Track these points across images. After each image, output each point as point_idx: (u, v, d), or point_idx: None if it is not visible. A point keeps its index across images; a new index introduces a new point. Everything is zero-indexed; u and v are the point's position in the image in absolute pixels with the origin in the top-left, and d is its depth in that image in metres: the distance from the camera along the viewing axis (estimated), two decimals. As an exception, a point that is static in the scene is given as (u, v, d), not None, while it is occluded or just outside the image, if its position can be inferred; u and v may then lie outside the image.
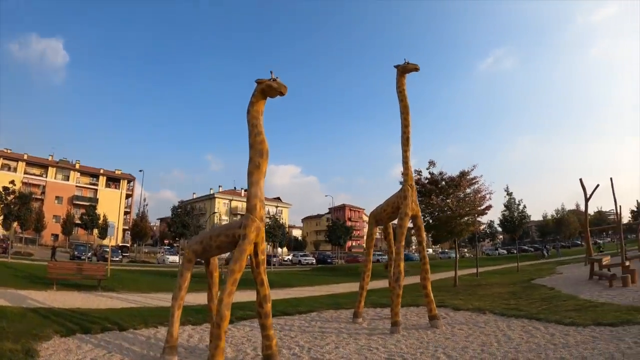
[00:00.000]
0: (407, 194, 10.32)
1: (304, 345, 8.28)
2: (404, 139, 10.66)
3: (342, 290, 20.23)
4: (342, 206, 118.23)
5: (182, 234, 34.91)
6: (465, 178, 20.45)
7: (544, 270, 28.85)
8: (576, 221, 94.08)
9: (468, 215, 20.53)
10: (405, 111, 10.76)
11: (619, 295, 13.49)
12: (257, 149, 6.84)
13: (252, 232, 6.59)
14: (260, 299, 6.97)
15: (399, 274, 9.83)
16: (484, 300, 14.27)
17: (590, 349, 7.24)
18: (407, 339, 8.78)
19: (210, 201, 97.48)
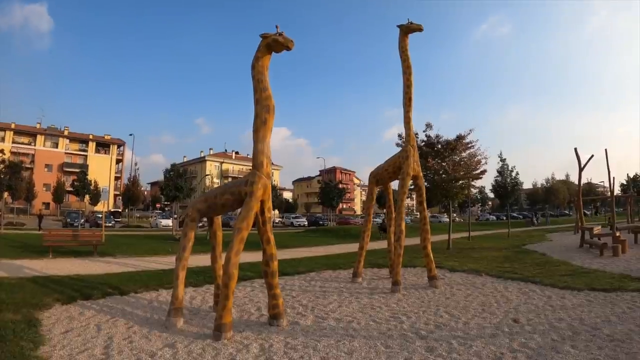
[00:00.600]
0: (409, 154, 10.33)
1: (307, 304, 8.42)
2: (406, 99, 10.60)
3: (337, 251, 20.36)
4: (333, 169, 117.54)
5: (175, 197, 34.60)
6: (462, 142, 20.42)
7: (535, 237, 29.36)
8: (565, 191, 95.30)
9: (463, 179, 20.60)
10: (407, 71, 10.65)
11: (610, 264, 13.87)
12: (263, 105, 6.67)
13: (259, 189, 6.48)
14: (267, 257, 6.93)
15: (400, 233, 9.94)
16: (479, 263, 14.57)
17: (587, 312, 7.52)
18: (408, 298, 9.00)
19: (201, 164, 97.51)
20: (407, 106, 10.60)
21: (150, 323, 6.93)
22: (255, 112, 6.71)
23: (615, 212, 51.10)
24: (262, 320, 7.18)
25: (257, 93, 6.72)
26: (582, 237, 20.96)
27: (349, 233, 35.26)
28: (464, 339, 5.95)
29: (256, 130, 6.67)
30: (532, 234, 32.65)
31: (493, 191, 33.81)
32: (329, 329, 6.59)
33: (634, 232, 21.38)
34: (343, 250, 21.18)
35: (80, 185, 57.18)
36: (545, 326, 6.64)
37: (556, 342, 5.77)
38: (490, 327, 6.62)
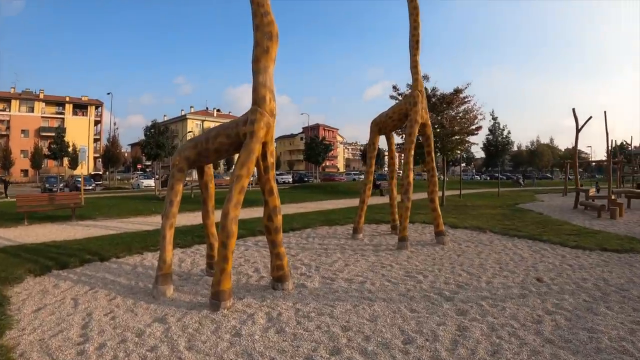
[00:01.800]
0: (417, 100, 9.65)
1: (310, 263, 7.81)
2: (413, 41, 9.89)
3: (329, 207, 19.88)
4: (316, 125, 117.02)
5: (157, 155, 33.32)
6: (458, 96, 19.86)
7: (525, 197, 29.26)
8: (550, 154, 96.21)
9: (459, 134, 20.14)
10: (414, 12, 9.89)
11: (610, 226, 13.69)
12: (265, 31, 5.74)
13: (262, 129, 5.54)
14: (270, 210, 6.05)
15: (408, 185, 9.42)
16: (478, 220, 14.25)
17: (607, 272, 7.24)
18: (417, 255, 8.53)
19: (182, 122, 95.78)
20: (415, 49, 9.89)
21: (135, 292, 6.09)
22: (255, 40, 5.77)
23: (599, 177, 51.19)
24: (262, 283, 6.49)
25: (257, 18, 5.78)
26: (576, 199, 20.86)
27: (336, 189, 34.99)
28: (493, 299, 5.50)
29: (256, 60, 5.72)
30: (521, 194, 32.57)
31: (484, 149, 33.44)
32: (341, 291, 5.98)
33: (628, 196, 21.36)
34: (335, 205, 20.77)
35: (57, 148, 55.20)
36: (571, 286, 6.31)
37: (589, 303, 5.46)
38: (515, 286, 6.20)
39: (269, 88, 5.70)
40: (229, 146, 6.08)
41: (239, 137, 5.82)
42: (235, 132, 5.87)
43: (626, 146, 46.53)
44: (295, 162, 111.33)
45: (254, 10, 5.83)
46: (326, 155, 64.69)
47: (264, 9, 5.79)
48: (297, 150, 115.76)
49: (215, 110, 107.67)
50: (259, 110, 5.59)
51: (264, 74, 5.71)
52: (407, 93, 19.42)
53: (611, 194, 18.26)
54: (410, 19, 10.00)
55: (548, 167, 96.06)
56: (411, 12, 9.99)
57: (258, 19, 5.77)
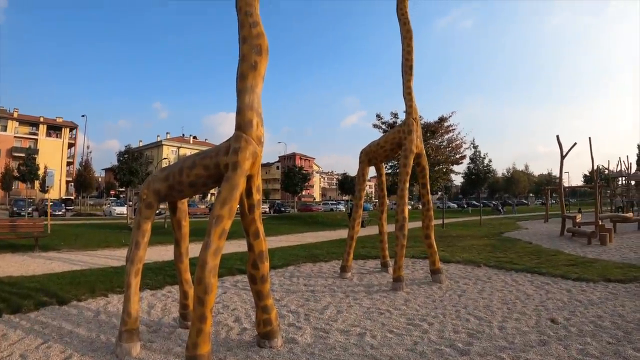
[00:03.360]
0: (412, 128, 9.19)
1: (298, 310, 7.02)
2: (407, 67, 9.51)
3: (310, 240, 19.26)
4: (293, 155, 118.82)
5: (129, 182, 32.69)
6: (443, 124, 19.83)
7: (507, 225, 29.22)
8: (525, 180, 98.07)
9: (444, 163, 20.05)
10: (408, 36, 9.59)
11: (603, 253, 13.62)
12: (253, 44, 4.94)
13: (247, 159, 4.69)
14: (255, 257, 5.22)
15: (404, 220, 8.87)
16: (469, 252, 13.83)
17: (620, 307, 6.91)
18: (416, 297, 7.91)
19: (158, 148, 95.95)
20: (408, 74, 9.50)
21: (96, 349, 5.12)
22: (242, 54, 4.97)
23: (573, 201, 51.92)
24: (246, 338, 5.58)
25: (245, 29, 5.00)
26: (563, 225, 20.86)
27: (315, 220, 34.38)
28: (513, 350, 4.94)
29: (242, 77, 4.89)
30: (503, 222, 32.55)
31: (466, 178, 33.61)
32: (339, 347, 5.17)
33: (614, 221, 21.44)
34: (316, 238, 20.17)
35: (27, 170, 53.68)
36: (589, 326, 5.86)
37: (615, 346, 5.05)
38: (531, 331, 5.67)
39: (256, 111, 4.86)
40: (207, 179, 5.15)
41: (219, 168, 4.91)
42: (215, 163, 4.95)
43: (603, 170, 47.41)
44: (271, 191, 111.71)
45: (241, 21, 5.08)
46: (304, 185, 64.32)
47: (252, 18, 5.03)
48: (273, 179, 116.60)
49: (191, 137, 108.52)
50: (244, 137, 4.73)
51: (251, 94, 4.86)
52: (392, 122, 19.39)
53: (598, 220, 18.15)
54: (404, 43, 9.65)
55: (524, 193, 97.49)
56: (404, 35, 9.66)
57: (246, 30, 5.01)
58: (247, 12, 5.00)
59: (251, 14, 5.01)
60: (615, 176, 41.77)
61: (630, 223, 23.32)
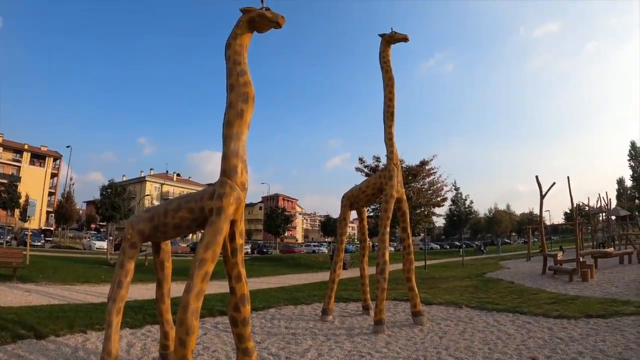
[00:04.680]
0: (393, 174, 9.55)
1: (279, 353, 7.02)
2: (388, 113, 9.95)
3: (292, 282, 19.36)
4: (276, 195, 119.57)
5: (111, 217, 32.50)
6: (424, 168, 20.36)
7: (490, 265, 29.53)
8: (507, 220, 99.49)
9: (426, 206, 20.46)
10: (390, 83, 10.08)
11: (585, 289, 13.89)
12: (240, 92, 5.28)
13: (231, 205, 4.93)
14: (237, 300, 5.31)
15: (384, 264, 9.06)
16: (451, 294, 13.97)
17: (600, 342, 7.09)
18: (397, 339, 7.97)
19: (141, 184, 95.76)
20: (390, 121, 9.93)
21: None
22: (229, 101, 5.29)
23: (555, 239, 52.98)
24: None
25: (232, 77, 5.34)
26: (544, 264, 21.16)
27: (297, 262, 34.60)
28: (494, 388, 5.02)
29: (228, 124, 5.19)
30: (486, 262, 32.93)
31: (447, 220, 34.15)
32: None
33: (594, 257, 21.85)
34: (298, 280, 20.35)
35: (8, 197, 52.64)
36: None
37: None
38: (513, 370, 5.74)
39: (241, 158, 5.15)
40: (191, 222, 5.37)
41: (203, 212, 5.13)
42: (200, 207, 5.20)
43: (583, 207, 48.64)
44: (253, 232, 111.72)
45: (229, 69, 5.42)
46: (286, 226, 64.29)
47: (240, 67, 5.38)
48: (255, 219, 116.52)
49: (175, 174, 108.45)
50: (228, 183, 4.99)
51: (237, 141, 5.15)
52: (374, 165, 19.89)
53: (579, 257, 18.49)
54: (386, 90, 10.11)
55: (507, 233, 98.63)
56: (386, 83, 10.13)
57: (233, 79, 5.35)
58: (236, 61, 5.37)
59: (239, 63, 5.37)
60: (595, 212, 42.79)
61: (611, 258, 23.69)
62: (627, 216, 44.59)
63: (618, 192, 77.48)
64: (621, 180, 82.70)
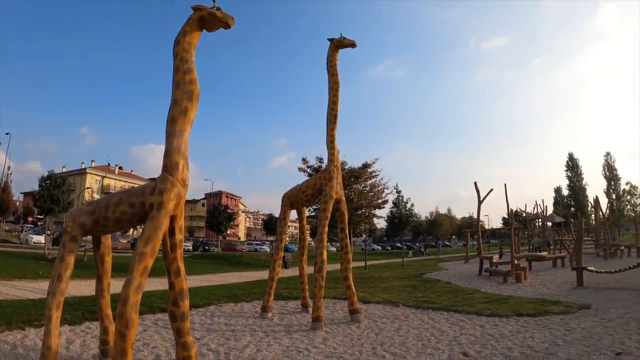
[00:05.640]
0: (333, 175, 9.79)
1: (219, 349, 7.02)
2: (332, 116, 10.18)
3: (233, 280, 19.36)
4: (219, 192, 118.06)
5: (50, 210, 31.12)
6: (366, 170, 20.82)
7: (429, 266, 30.38)
8: (448, 223, 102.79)
9: (367, 207, 20.90)
10: (335, 87, 10.29)
11: (518, 290, 14.62)
12: (185, 90, 5.37)
13: (172, 200, 5.05)
14: (176, 294, 5.37)
15: (322, 263, 9.30)
16: (389, 293, 14.31)
17: (529, 338, 7.47)
18: (334, 336, 8.12)
19: (81, 176, 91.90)
20: (332, 123, 10.15)
21: None
22: (174, 98, 5.38)
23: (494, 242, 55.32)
24: None
25: (179, 74, 5.43)
26: (481, 266, 22.04)
27: (240, 260, 34.49)
28: (425, 381, 5.21)
29: (172, 121, 5.29)
30: (425, 264, 33.87)
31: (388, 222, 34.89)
32: None
33: (529, 260, 23.05)
34: (239, 278, 20.34)
35: None
36: (499, 357, 6.33)
37: None
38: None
39: (183, 154, 5.26)
40: (132, 217, 5.44)
41: (144, 207, 5.22)
42: (141, 202, 5.29)
43: (520, 213, 51.06)
44: (195, 229, 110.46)
45: (176, 66, 5.49)
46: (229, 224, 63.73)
47: (187, 65, 5.47)
48: (198, 216, 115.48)
49: (117, 167, 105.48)
50: (169, 178, 5.11)
51: (179, 138, 5.27)
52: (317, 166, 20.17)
53: (514, 259, 19.35)
54: (330, 93, 10.29)
55: (447, 236, 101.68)
56: (332, 86, 10.31)
57: (179, 76, 5.43)
58: (183, 58, 5.46)
59: (187, 60, 5.46)
60: (532, 218, 45.17)
61: (545, 261, 25.11)
62: (562, 223, 47.37)
63: (555, 200, 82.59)
64: (558, 189, 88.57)
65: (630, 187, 78.64)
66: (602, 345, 6.80)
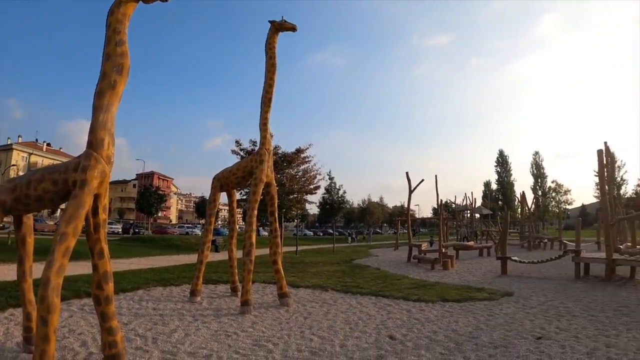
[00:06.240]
0: (264, 158, 9.76)
1: (146, 334, 6.86)
2: (266, 99, 10.12)
3: (163, 264, 18.99)
4: (151, 173, 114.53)
5: None
6: (300, 155, 20.89)
7: (359, 252, 30.85)
8: (380, 211, 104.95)
9: (298, 192, 20.98)
10: (272, 70, 10.21)
11: (445, 277, 15.24)
12: (115, 62, 5.10)
13: (95, 178, 4.80)
14: (100, 277, 5.11)
15: (251, 246, 9.26)
16: (319, 278, 14.44)
17: (454, 322, 7.83)
18: (263, 319, 8.12)
19: (7, 152, 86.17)
20: (266, 106, 10.09)
21: None
22: (103, 71, 5.09)
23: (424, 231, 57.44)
24: None
25: (110, 46, 5.16)
26: (409, 253, 22.79)
27: (170, 243, 33.91)
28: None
29: (99, 95, 5.01)
30: (356, 250, 34.41)
31: (320, 207, 35.13)
32: None
33: (456, 249, 24.02)
34: (168, 262, 19.98)
35: None
36: (424, 340, 6.57)
37: (446, 356, 5.75)
38: (370, 347, 6.19)
39: (109, 131, 5.01)
40: (54, 195, 5.13)
41: (67, 184, 4.95)
42: (64, 179, 5.00)
43: (450, 204, 53.07)
44: (126, 211, 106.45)
45: (107, 37, 5.21)
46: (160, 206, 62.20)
47: (119, 37, 5.20)
48: (128, 197, 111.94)
49: (45, 144, 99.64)
50: (94, 155, 4.86)
51: (106, 113, 5.00)
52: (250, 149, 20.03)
53: (442, 248, 20.03)
54: (267, 76, 10.21)
55: (379, 223, 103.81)
56: (269, 69, 10.22)
57: (110, 48, 5.17)
58: (116, 29, 5.18)
59: (119, 32, 5.20)
60: (461, 209, 47.02)
61: (472, 250, 26.30)
62: (489, 215, 49.65)
63: (484, 193, 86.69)
64: (488, 183, 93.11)
65: (556, 185, 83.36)
66: (524, 330, 7.23)
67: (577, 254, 14.73)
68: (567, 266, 16.27)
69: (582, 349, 5.96)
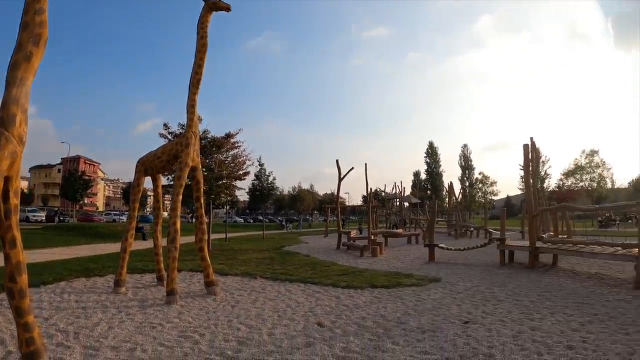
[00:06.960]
0: (190, 142, 9.43)
1: (67, 328, 6.50)
2: (195, 80, 9.75)
3: (87, 253, 18.31)
4: (77, 157, 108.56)
5: None
6: (229, 140, 20.69)
7: (290, 239, 31.07)
8: (310, 199, 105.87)
9: (227, 178, 20.78)
10: (202, 50, 9.83)
11: (374, 263, 15.61)
12: (32, 32, 4.77)
13: (5, 159, 4.45)
14: (12, 268, 4.74)
15: (175, 233, 8.95)
16: (247, 265, 14.39)
17: (382, 308, 8.00)
18: (190, 309, 7.93)
19: None
20: (195, 87, 9.74)
21: None
22: (19, 41, 4.75)
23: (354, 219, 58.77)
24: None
25: (28, 15, 4.81)
26: (339, 240, 23.17)
27: (96, 231, 32.63)
28: (280, 353, 5.32)
29: (13, 67, 4.66)
30: (286, 237, 34.66)
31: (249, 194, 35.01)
32: None
33: (385, 236, 24.67)
34: (93, 251, 19.37)
35: None
36: (353, 327, 6.66)
37: (375, 342, 5.83)
38: (299, 335, 6.19)
39: (22, 107, 4.64)
40: None
41: None
42: None
43: (380, 192, 54.34)
44: (50, 197, 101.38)
45: (27, 4, 4.84)
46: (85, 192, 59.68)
47: (39, 5, 4.84)
48: (53, 183, 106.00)
49: None
50: (4, 134, 4.50)
51: (20, 88, 4.64)
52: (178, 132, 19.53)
53: (371, 235, 20.42)
54: (197, 56, 9.84)
55: (309, 211, 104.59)
56: (199, 49, 9.83)
57: (29, 17, 4.80)
58: None
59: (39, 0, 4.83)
60: (390, 198, 48.26)
61: (400, 238, 27.01)
62: (418, 204, 51.20)
63: (413, 182, 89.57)
64: (417, 173, 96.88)
65: (482, 177, 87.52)
66: (451, 314, 7.49)
67: (502, 242, 15.43)
68: (493, 253, 16.92)
69: (508, 332, 6.21)
